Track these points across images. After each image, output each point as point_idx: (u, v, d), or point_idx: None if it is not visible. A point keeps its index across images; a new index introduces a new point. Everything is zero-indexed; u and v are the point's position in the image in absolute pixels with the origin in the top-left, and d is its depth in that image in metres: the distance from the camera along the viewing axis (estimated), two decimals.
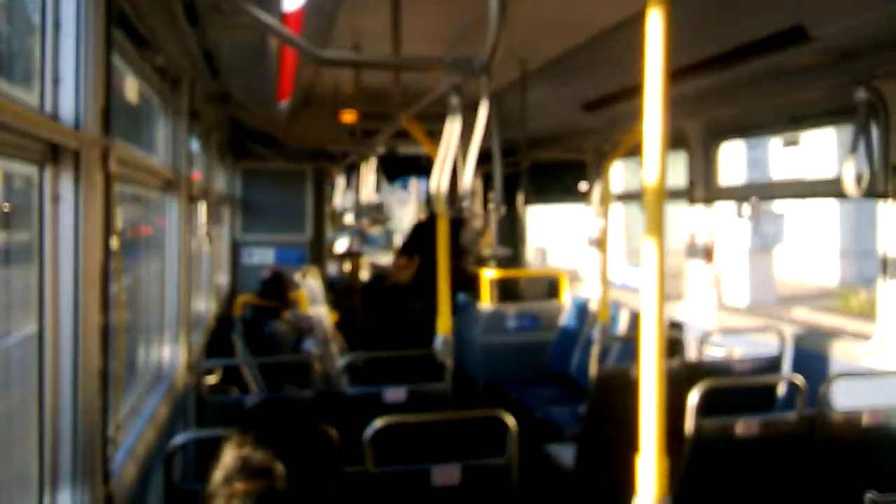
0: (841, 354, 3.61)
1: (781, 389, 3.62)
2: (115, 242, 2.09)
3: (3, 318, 1.91)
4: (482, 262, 6.64)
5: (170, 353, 3.38)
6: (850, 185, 2.81)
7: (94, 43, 1.88)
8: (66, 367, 1.82)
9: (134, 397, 2.89)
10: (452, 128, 2.21)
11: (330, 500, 1.55)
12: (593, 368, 3.63)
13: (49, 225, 1.80)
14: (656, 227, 1.56)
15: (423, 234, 7.16)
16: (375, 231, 14.28)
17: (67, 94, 1.83)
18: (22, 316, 1.87)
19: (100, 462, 1.92)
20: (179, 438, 2.37)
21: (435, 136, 2.73)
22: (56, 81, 1.82)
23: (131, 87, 2.80)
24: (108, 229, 2.01)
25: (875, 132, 3.19)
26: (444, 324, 3.47)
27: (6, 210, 1.98)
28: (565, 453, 3.88)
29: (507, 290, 6.25)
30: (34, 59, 1.82)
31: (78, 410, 1.83)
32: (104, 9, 1.95)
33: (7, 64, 1.81)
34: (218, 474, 1.42)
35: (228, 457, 1.42)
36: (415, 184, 13.83)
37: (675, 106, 1.67)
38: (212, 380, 3.72)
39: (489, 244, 7.45)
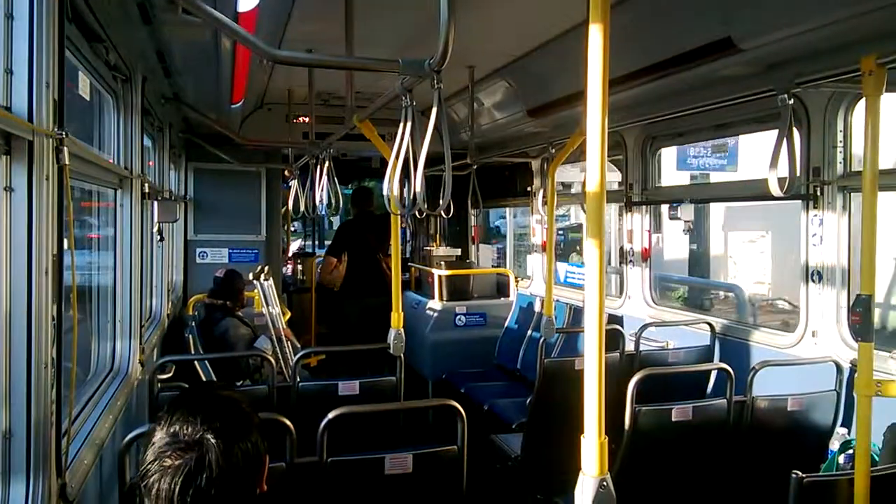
0: (766, 345, 3.86)
1: (713, 376, 3.84)
2: (69, 234, 2.10)
3: None
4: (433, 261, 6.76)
5: (123, 350, 3.37)
6: (774, 187, 2.99)
7: (47, 35, 1.89)
8: (19, 359, 1.82)
9: (89, 391, 2.88)
10: (405, 129, 2.28)
11: (267, 476, 1.50)
12: (539, 360, 3.78)
13: (2, 216, 1.80)
14: (597, 227, 1.61)
15: (347, 234, 7.28)
16: None
17: (21, 86, 1.84)
18: None
19: (53, 454, 1.92)
20: (132, 433, 2.38)
21: (388, 140, 2.81)
22: (9, 73, 1.83)
23: (84, 83, 2.80)
24: (61, 221, 2.02)
25: (797, 137, 3.44)
26: (396, 319, 3.55)
27: None
28: (512, 442, 4.02)
29: (456, 288, 6.40)
30: None
31: (31, 402, 1.83)
32: (57, 2, 1.96)
33: None
34: (149, 454, 1.38)
35: (158, 435, 1.39)
36: None
37: (614, 112, 1.77)
38: (165, 377, 3.71)
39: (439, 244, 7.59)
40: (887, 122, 2.63)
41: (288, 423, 2.34)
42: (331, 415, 2.41)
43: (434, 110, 2.12)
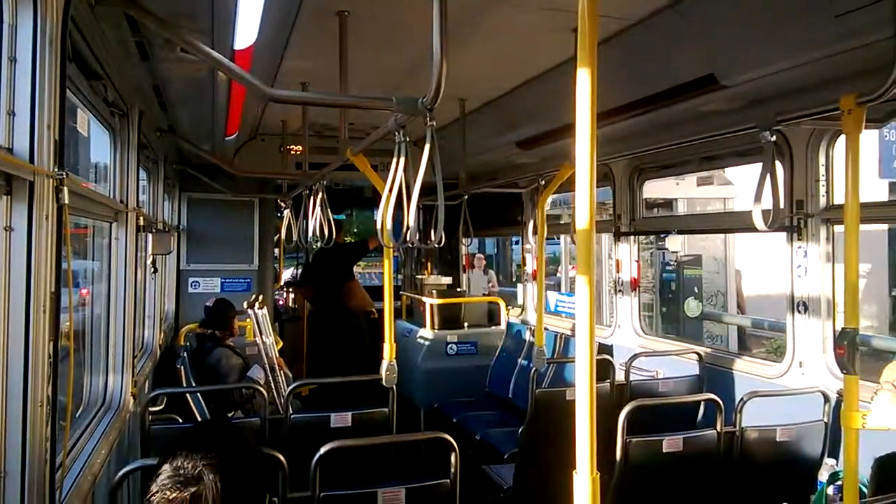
0: (754, 374, 3.90)
1: (702, 406, 3.87)
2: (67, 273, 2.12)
3: None
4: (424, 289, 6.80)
5: (116, 383, 3.36)
6: (758, 220, 3.05)
7: (49, 78, 1.93)
8: (15, 398, 1.82)
9: (82, 425, 2.87)
10: (398, 163, 2.32)
11: None
12: (530, 391, 3.80)
13: (1, 255, 1.82)
14: (587, 257, 1.62)
15: (315, 263, 7.49)
16: None
17: (22, 127, 1.87)
18: None
19: (47, 492, 1.92)
20: (125, 468, 2.38)
21: (380, 169, 2.86)
22: (11, 114, 1.86)
23: (82, 119, 2.84)
24: (59, 259, 2.04)
25: (781, 171, 3.52)
26: (389, 350, 3.57)
27: None
28: (505, 473, 4.02)
29: (448, 316, 6.43)
30: None
31: (26, 441, 1.83)
32: (59, 45, 2.00)
33: None
34: (153, 486, 1.45)
35: (165, 467, 1.46)
36: None
37: (602, 145, 1.80)
38: (157, 409, 3.70)
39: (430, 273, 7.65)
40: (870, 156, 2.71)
41: (281, 457, 2.35)
42: (323, 449, 2.42)
43: (427, 146, 2.16)
